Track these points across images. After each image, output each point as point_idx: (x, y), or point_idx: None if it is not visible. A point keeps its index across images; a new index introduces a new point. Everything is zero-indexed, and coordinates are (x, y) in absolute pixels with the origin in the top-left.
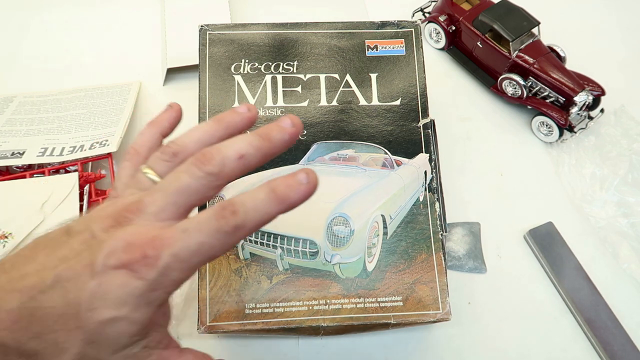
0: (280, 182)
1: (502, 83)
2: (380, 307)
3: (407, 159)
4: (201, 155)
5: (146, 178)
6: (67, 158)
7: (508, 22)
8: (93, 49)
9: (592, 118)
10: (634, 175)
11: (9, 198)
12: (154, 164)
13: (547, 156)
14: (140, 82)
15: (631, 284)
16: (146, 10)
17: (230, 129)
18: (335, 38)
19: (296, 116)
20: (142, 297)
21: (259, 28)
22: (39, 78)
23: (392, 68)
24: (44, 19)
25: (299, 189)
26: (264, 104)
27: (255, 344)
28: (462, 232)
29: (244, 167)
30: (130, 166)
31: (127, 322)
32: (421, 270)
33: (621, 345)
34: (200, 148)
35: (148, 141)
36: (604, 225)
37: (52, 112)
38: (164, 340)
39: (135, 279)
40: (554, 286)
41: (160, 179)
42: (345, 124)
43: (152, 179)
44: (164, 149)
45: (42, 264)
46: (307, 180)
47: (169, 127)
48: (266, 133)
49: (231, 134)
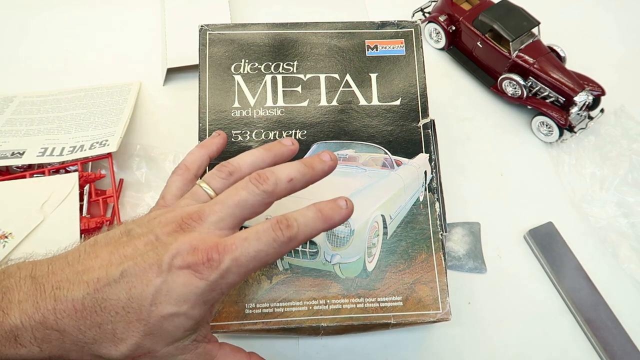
0: (325, 205)
1: (502, 83)
2: (380, 307)
3: (407, 159)
4: (257, 175)
5: (203, 191)
6: (67, 158)
7: (508, 22)
8: (93, 49)
9: (592, 118)
10: (634, 175)
11: (9, 198)
12: (211, 180)
13: (547, 156)
14: (140, 82)
15: (631, 284)
16: (146, 10)
17: (277, 157)
18: (335, 38)
19: (333, 152)
20: (202, 295)
21: (259, 28)
22: (39, 78)
23: (392, 68)
24: (44, 19)
25: (340, 212)
26: (264, 104)
27: (255, 344)
28: (462, 232)
29: (291, 189)
30: (180, 180)
31: (185, 318)
32: (421, 270)
33: (621, 345)
34: (252, 170)
35: (197, 160)
36: (604, 225)
37: (52, 112)
38: (208, 335)
39: (198, 279)
40: (554, 286)
41: (216, 194)
42: (345, 124)
43: (209, 193)
44: (221, 168)
45: (107, 260)
46: (347, 206)
47: (216, 151)
48: (310, 163)
49: (277, 161)
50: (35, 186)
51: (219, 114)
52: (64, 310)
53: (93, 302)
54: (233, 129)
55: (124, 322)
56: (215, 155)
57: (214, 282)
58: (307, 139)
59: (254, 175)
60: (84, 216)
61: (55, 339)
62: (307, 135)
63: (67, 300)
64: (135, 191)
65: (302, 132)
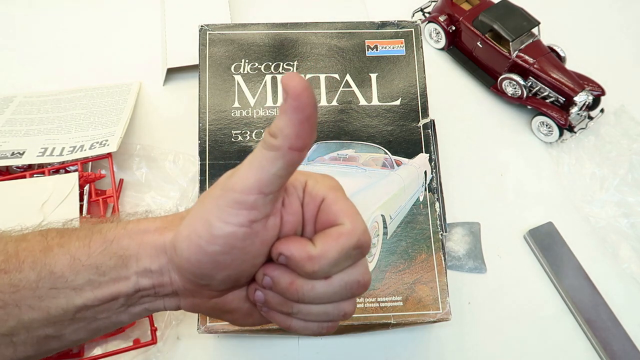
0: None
1: (502, 83)
2: (380, 307)
3: (407, 159)
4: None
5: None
6: (67, 158)
7: (508, 22)
8: (93, 49)
9: (592, 118)
10: (634, 175)
11: (9, 198)
12: None
13: (547, 156)
14: (140, 82)
15: (631, 284)
16: (146, 10)
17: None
18: (335, 38)
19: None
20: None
21: (259, 28)
22: (39, 78)
23: (392, 68)
24: (43, 19)
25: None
26: (264, 104)
27: (255, 344)
28: (462, 232)
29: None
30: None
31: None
32: (421, 270)
33: (621, 345)
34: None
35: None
36: (604, 225)
37: (52, 112)
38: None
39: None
40: (554, 286)
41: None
42: (345, 124)
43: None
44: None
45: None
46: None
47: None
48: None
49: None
50: (35, 186)
51: (219, 114)
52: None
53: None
54: (233, 129)
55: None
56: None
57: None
58: None
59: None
60: (84, 216)
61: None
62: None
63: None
64: (135, 191)
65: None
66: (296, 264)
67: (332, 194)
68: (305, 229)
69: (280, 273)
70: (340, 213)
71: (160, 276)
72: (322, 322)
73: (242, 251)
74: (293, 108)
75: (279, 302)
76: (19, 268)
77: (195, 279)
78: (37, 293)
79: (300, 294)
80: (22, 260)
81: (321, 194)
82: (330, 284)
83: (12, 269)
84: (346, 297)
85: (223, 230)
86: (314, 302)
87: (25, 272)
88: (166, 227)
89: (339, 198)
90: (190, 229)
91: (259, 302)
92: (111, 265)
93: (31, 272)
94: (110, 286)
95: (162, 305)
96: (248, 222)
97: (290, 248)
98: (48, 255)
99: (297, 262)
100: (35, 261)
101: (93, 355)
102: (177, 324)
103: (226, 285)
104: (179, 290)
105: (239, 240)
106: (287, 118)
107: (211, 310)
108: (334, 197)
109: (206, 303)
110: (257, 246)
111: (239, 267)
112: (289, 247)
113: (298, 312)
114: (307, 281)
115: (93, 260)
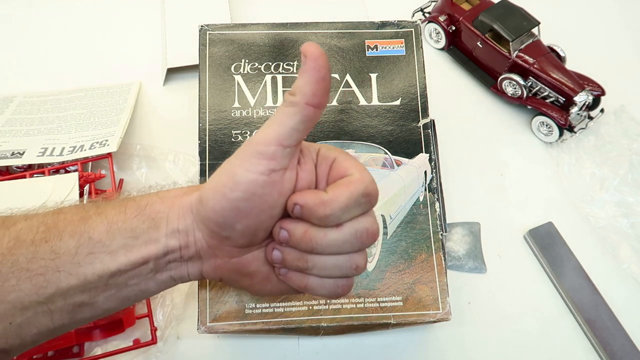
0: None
1: (502, 83)
2: (380, 307)
3: (407, 159)
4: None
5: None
6: (67, 158)
7: (508, 22)
8: (93, 49)
9: (592, 118)
10: (634, 175)
11: (9, 198)
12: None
13: (547, 156)
14: (140, 82)
15: (631, 284)
16: (146, 10)
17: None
18: (335, 38)
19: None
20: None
21: (259, 28)
22: (39, 78)
23: (392, 68)
24: (44, 19)
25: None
26: (264, 104)
27: (255, 344)
28: (462, 232)
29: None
30: None
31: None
32: (421, 270)
33: (621, 345)
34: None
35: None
36: (604, 225)
37: (52, 112)
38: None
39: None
40: (554, 286)
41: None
42: (345, 124)
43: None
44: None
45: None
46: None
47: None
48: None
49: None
50: (35, 186)
51: (219, 114)
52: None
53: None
54: (233, 129)
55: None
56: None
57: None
58: (307, 139)
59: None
60: None
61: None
62: (307, 135)
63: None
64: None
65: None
66: (309, 211)
67: (342, 155)
68: (319, 186)
69: (295, 224)
70: (350, 167)
71: (186, 236)
72: (337, 277)
73: (261, 199)
74: (311, 69)
75: (295, 257)
76: (59, 236)
77: (218, 229)
78: (76, 259)
79: (315, 242)
80: (61, 229)
81: (333, 156)
82: (341, 232)
83: (53, 238)
84: (357, 248)
85: (245, 177)
86: (326, 252)
87: (65, 240)
88: (193, 190)
89: (349, 158)
90: (216, 179)
91: (277, 261)
92: (144, 228)
93: (71, 240)
94: (142, 249)
95: (186, 272)
96: (268, 171)
97: (305, 196)
98: (87, 223)
99: (310, 209)
100: (74, 229)
101: (93, 355)
102: (177, 324)
103: (245, 237)
104: (202, 251)
105: (259, 187)
106: (306, 77)
107: (231, 273)
108: (345, 157)
109: (227, 264)
110: (275, 196)
111: (258, 216)
112: (303, 196)
113: (313, 267)
114: (319, 229)
115: (128, 224)
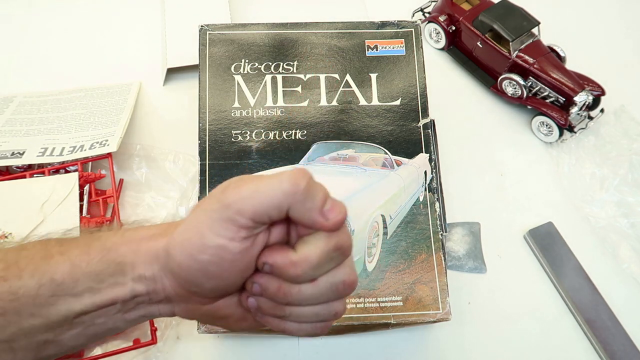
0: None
1: (502, 83)
2: (380, 307)
3: (407, 159)
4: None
5: None
6: (67, 158)
7: (508, 22)
8: (93, 49)
9: (592, 118)
10: (634, 175)
11: (9, 198)
12: None
13: (547, 156)
14: (140, 82)
15: (631, 284)
16: (146, 10)
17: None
18: (335, 38)
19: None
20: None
21: (259, 28)
22: (39, 78)
23: (392, 68)
24: (44, 19)
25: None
26: (264, 104)
27: (255, 344)
28: (462, 232)
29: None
30: None
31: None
32: (421, 270)
33: (621, 345)
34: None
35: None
36: (604, 225)
37: (52, 112)
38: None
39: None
40: (554, 286)
41: None
42: (345, 124)
43: None
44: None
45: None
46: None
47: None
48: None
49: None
50: (35, 186)
51: (219, 114)
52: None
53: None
54: (233, 129)
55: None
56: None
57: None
58: (307, 138)
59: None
60: (84, 216)
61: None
62: (307, 135)
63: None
64: (135, 191)
65: (302, 132)
66: (280, 271)
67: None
68: (291, 236)
69: (268, 279)
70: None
71: (154, 283)
72: (315, 322)
73: (231, 264)
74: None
75: (271, 306)
76: (18, 275)
77: (186, 285)
78: (37, 300)
79: (289, 297)
80: (22, 268)
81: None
82: (316, 286)
83: (12, 277)
84: (334, 298)
85: (213, 241)
86: (303, 304)
87: (24, 279)
88: (161, 233)
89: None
90: (184, 236)
91: (252, 308)
92: (109, 272)
93: (31, 280)
94: (108, 292)
95: (157, 311)
96: (239, 238)
97: (274, 256)
98: (49, 262)
99: (280, 269)
100: (35, 268)
101: (93, 355)
102: (177, 324)
103: (215, 293)
104: (172, 297)
105: (228, 253)
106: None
107: (205, 316)
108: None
109: (199, 309)
110: (246, 260)
111: (228, 278)
112: (272, 255)
113: (290, 315)
114: (293, 285)
115: (92, 267)
